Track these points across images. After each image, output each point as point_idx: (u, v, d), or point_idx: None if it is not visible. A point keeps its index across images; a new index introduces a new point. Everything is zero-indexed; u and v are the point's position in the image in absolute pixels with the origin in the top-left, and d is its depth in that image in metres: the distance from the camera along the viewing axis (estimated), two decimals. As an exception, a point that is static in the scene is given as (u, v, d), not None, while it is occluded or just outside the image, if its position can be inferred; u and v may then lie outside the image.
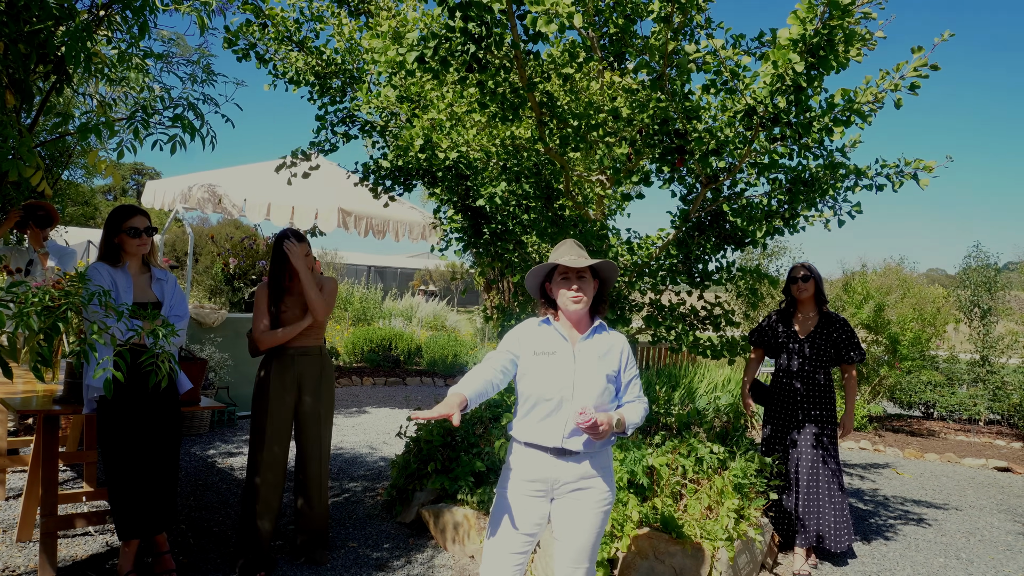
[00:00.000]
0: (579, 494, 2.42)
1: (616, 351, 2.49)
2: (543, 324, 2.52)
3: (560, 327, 2.50)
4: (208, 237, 17.10)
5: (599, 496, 2.43)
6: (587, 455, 2.42)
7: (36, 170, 2.56)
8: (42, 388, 3.74)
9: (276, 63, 4.49)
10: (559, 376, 2.40)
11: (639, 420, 2.45)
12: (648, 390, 6.45)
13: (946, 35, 3.02)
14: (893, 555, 4.37)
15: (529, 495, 2.43)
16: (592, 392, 2.39)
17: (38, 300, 2.09)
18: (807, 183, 3.77)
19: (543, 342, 2.47)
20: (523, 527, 2.42)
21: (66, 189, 8.10)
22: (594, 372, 2.42)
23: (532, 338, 2.49)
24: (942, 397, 9.29)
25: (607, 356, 2.47)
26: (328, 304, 3.61)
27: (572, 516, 2.42)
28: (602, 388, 2.41)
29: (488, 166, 4.38)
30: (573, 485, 2.41)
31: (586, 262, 2.42)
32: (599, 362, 2.44)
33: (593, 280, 2.50)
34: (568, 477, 2.41)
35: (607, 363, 2.46)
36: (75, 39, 2.28)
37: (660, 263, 4.22)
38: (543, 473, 2.41)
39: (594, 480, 2.43)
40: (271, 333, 3.51)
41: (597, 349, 2.47)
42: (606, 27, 3.74)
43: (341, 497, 4.76)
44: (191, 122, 2.64)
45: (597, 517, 2.43)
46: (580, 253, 2.49)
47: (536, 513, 2.44)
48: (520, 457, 2.46)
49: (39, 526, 3.24)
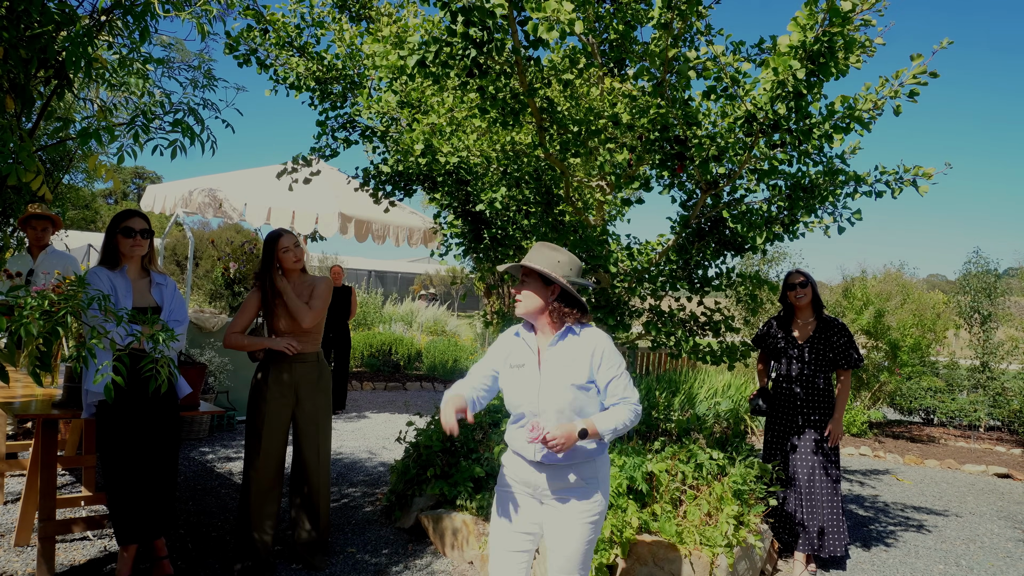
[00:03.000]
0: (565, 504, 2.37)
1: (586, 354, 2.32)
2: (517, 335, 2.48)
3: (528, 337, 2.44)
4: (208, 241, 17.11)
5: (585, 507, 2.36)
6: (570, 466, 2.35)
7: (36, 175, 2.56)
8: (41, 392, 3.73)
9: (277, 68, 4.49)
10: (526, 389, 2.37)
11: (620, 425, 2.28)
12: (648, 396, 6.43)
13: (945, 43, 3.03)
14: (893, 562, 4.36)
15: (520, 493, 2.45)
16: (557, 404, 2.31)
17: (37, 305, 2.09)
18: (807, 189, 3.77)
19: (515, 354, 2.44)
20: (520, 526, 2.43)
21: (67, 193, 8.11)
22: (559, 383, 2.31)
23: (508, 350, 2.47)
24: (942, 403, 9.27)
25: (574, 363, 2.32)
26: (318, 309, 3.54)
27: (559, 525, 2.38)
28: (569, 399, 2.30)
29: (488, 171, 4.38)
30: (557, 495, 2.38)
31: (507, 266, 2.41)
32: (564, 371, 2.32)
33: (546, 285, 2.37)
34: (551, 486, 2.37)
35: (574, 371, 2.31)
36: (76, 44, 2.29)
37: (660, 269, 4.22)
38: (527, 478, 2.42)
39: (580, 490, 2.36)
40: (239, 336, 3.50)
41: (563, 357, 2.34)
42: (606, 33, 3.75)
43: (340, 502, 4.75)
44: (191, 127, 2.64)
45: (584, 527, 2.35)
46: (538, 254, 2.39)
47: (531, 512, 2.43)
48: (510, 460, 2.50)
49: (37, 530, 3.24)
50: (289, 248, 3.53)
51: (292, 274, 3.59)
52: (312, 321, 3.51)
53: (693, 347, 4.20)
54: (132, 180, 38.17)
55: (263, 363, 3.58)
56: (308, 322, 3.49)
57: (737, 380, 8.45)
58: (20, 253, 4.62)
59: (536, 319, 2.41)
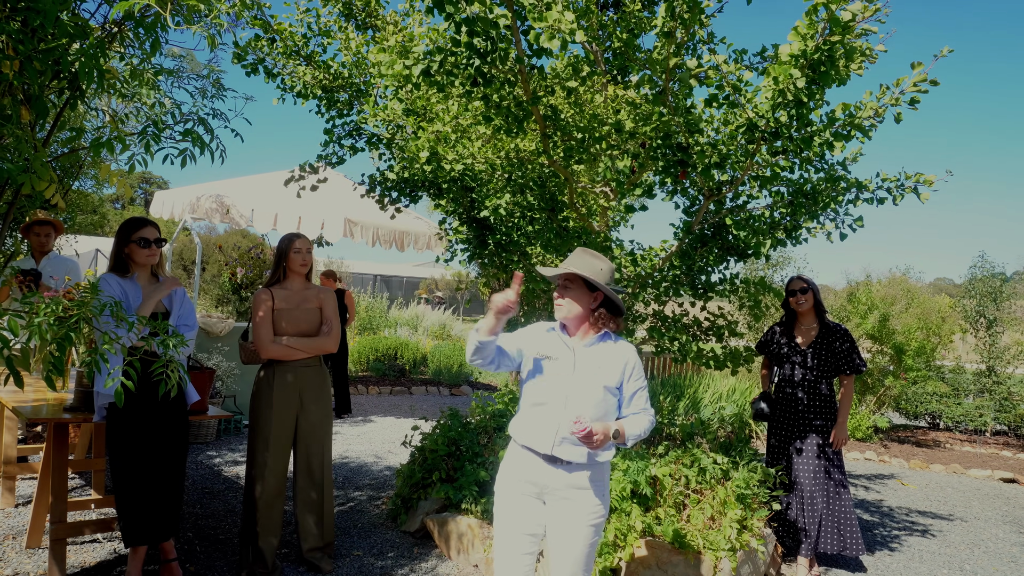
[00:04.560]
0: (569, 504, 2.40)
1: (620, 362, 2.44)
2: (551, 331, 2.53)
3: (565, 335, 2.50)
4: (216, 247, 17.21)
5: (589, 509, 2.40)
6: (579, 466, 2.40)
7: (50, 183, 2.62)
8: (52, 397, 3.79)
9: (284, 77, 4.55)
10: (556, 382, 2.41)
11: (642, 432, 2.41)
12: (652, 400, 6.46)
13: (945, 51, 3.06)
14: (897, 566, 4.37)
15: (523, 493, 2.45)
16: (588, 402, 2.38)
17: (51, 311, 2.14)
18: (809, 196, 3.80)
19: (547, 346, 2.48)
20: (525, 527, 2.44)
21: (76, 199, 8.19)
22: (592, 381, 2.40)
23: (539, 340, 2.51)
24: (948, 408, 9.26)
25: (608, 366, 2.42)
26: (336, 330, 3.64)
27: (563, 528, 2.40)
28: (599, 398, 2.39)
29: (493, 178, 4.43)
30: (562, 493, 2.40)
31: (554, 271, 2.46)
32: (598, 372, 2.41)
33: (590, 291, 2.46)
34: (557, 484, 2.40)
35: (607, 374, 2.41)
36: (89, 56, 2.34)
37: (663, 274, 4.25)
38: (533, 476, 2.43)
39: (584, 492, 2.40)
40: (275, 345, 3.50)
41: (599, 359, 2.44)
42: (610, 41, 3.79)
43: (346, 506, 4.79)
44: (201, 136, 2.69)
45: (587, 530, 2.40)
46: (582, 262, 2.45)
47: (533, 512, 2.45)
48: (514, 456, 2.50)
49: (48, 533, 3.28)
50: (300, 250, 3.59)
51: (296, 277, 3.63)
52: (336, 343, 3.64)
53: (697, 352, 4.23)
54: (139, 185, 38.43)
55: (266, 369, 3.58)
56: (335, 346, 3.63)
57: (742, 384, 8.46)
58: (25, 259, 4.69)
59: (576, 323, 2.47)
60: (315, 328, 3.61)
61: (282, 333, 3.54)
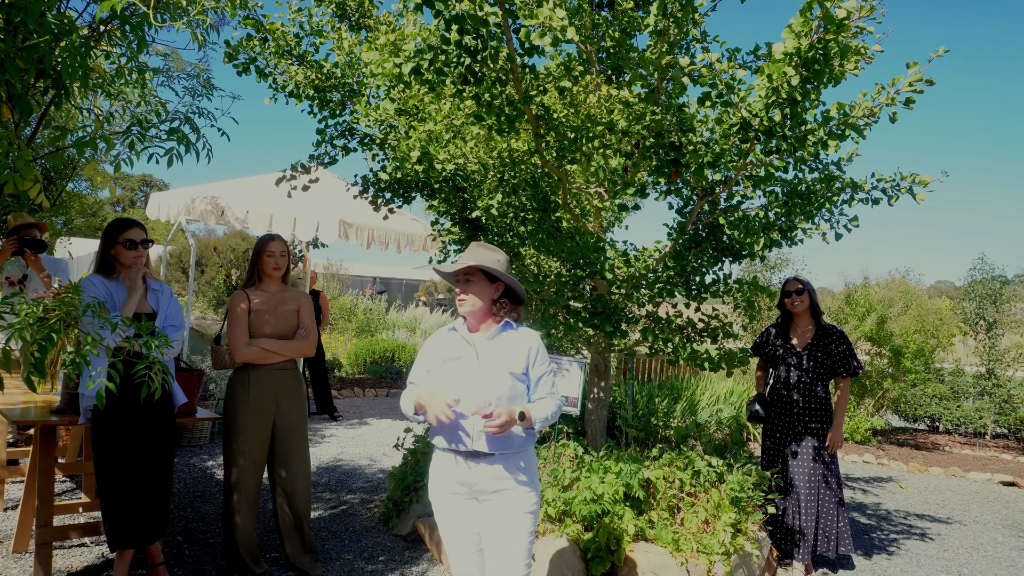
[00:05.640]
0: (500, 496, 2.42)
1: (523, 348, 2.48)
2: (451, 331, 2.57)
3: (465, 332, 2.53)
4: (212, 248, 17.18)
5: (520, 498, 2.43)
6: (502, 457, 2.43)
7: (34, 183, 2.59)
8: (40, 399, 3.75)
9: (276, 77, 4.51)
10: (464, 378, 2.44)
11: (549, 416, 2.43)
12: (649, 403, 6.42)
13: (941, 51, 3.03)
14: (894, 570, 4.33)
15: (456, 495, 2.48)
16: (496, 390, 2.41)
17: (32, 312, 2.11)
18: (804, 196, 3.77)
19: (450, 348, 2.52)
20: (467, 527, 2.47)
21: (71, 201, 8.16)
22: (497, 370, 2.43)
23: (441, 347, 2.55)
24: (947, 410, 9.22)
25: (513, 353, 2.46)
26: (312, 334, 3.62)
27: (499, 522, 2.42)
28: (507, 385, 2.42)
29: (485, 178, 4.39)
30: (492, 488, 2.43)
31: (454, 267, 2.50)
32: (503, 360, 2.45)
33: (491, 283, 2.50)
34: (484, 479, 2.42)
35: (512, 361, 2.45)
36: (73, 54, 2.31)
37: (657, 275, 4.22)
38: (461, 477, 2.45)
39: (512, 483, 2.43)
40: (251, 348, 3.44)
41: (502, 348, 2.47)
42: (603, 40, 3.76)
43: (339, 509, 4.75)
44: (187, 135, 2.66)
45: (524, 519, 2.43)
46: (478, 255, 2.49)
47: (470, 512, 2.47)
48: (440, 462, 2.52)
49: (35, 537, 3.25)
50: (274, 253, 3.56)
51: (271, 281, 3.60)
52: (313, 347, 3.61)
53: (691, 353, 4.20)
54: (140, 188, 38.43)
55: (242, 372, 3.50)
56: (312, 350, 3.61)
57: (739, 387, 8.43)
58: (16, 259, 4.65)
59: (480, 316, 2.52)
60: (292, 331, 3.58)
61: (259, 335, 3.49)
